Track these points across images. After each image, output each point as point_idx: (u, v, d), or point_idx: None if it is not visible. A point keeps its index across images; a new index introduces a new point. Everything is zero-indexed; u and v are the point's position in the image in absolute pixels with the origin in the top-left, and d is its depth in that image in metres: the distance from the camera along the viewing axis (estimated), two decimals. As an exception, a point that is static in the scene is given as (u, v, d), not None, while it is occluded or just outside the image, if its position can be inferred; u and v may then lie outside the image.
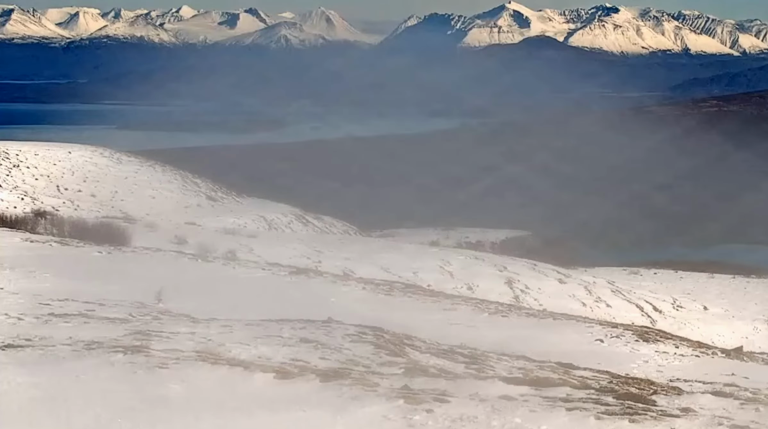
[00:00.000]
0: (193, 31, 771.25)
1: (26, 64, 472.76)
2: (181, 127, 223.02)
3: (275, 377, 12.47)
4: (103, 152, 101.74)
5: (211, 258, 35.66)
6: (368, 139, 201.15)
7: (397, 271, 43.96)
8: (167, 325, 16.56)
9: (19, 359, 12.74)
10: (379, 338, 15.26)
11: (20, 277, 23.70)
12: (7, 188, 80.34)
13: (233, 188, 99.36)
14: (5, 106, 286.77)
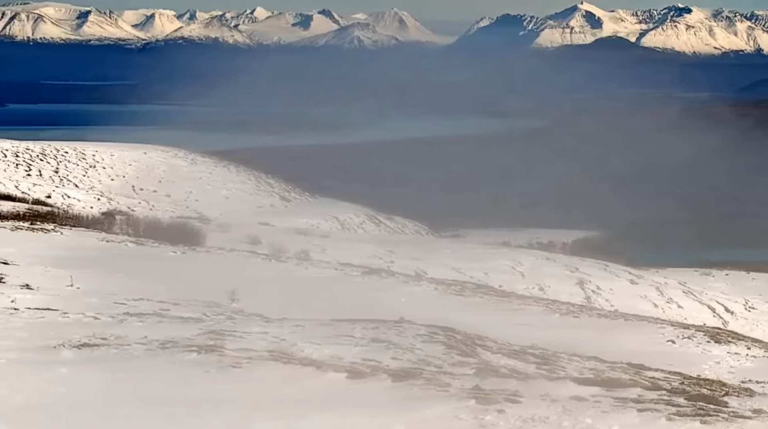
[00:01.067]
0: (266, 33, 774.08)
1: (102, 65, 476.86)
2: (254, 128, 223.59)
3: (347, 377, 12.53)
4: (178, 153, 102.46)
5: (284, 258, 35.77)
6: (440, 139, 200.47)
7: (468, 272, 43.85)
8: (240, 324, 16.66)
9: (95, 357, 12.89)
10: (451, 338, 15.29)
11: (96, 276, 23.91)
12: (83, 188, 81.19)
13: (306, 189, 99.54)
14: (81, 107, 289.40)
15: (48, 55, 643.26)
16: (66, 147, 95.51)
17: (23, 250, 27.58)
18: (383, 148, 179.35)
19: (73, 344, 13.51)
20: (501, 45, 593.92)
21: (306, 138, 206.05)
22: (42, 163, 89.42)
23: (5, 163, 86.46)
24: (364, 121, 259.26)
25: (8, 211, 45.64)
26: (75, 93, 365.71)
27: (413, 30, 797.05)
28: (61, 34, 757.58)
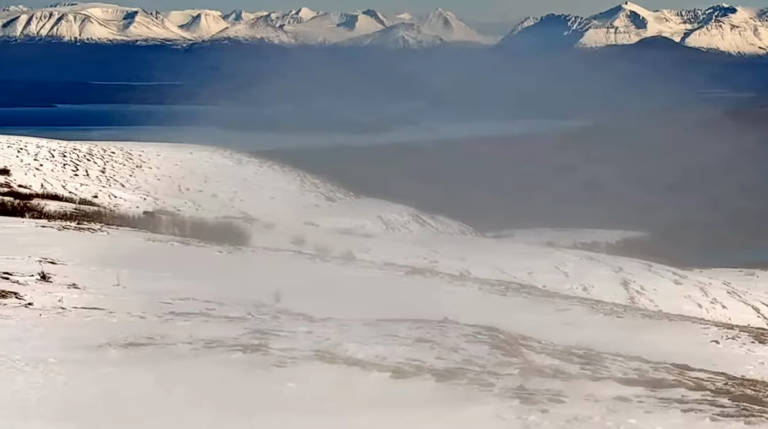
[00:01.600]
0: (311, 33, 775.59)
1: (148, 65, 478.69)
2: (299, 128, 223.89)
3: (391, 376, 12.58)
4: (224, 153, 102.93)
5: (329, 258, 35.87)
6: (485, 139, 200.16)
7: (512, 272, 43.85)
8: (285, 324, 16.72)
9: (141, 357, 13.00)
10: (495, 338, 15.30)
11: (142, 276, 24.06)
12: (130, 188, 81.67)
13: (351, 188, 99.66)
14: (128, 107, 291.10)
15: (95, 56, 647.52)
16: (113, 147, 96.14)
17: (70, 249, 27.78)
18: (429, 148, 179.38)
19: (120, 343, 13.62)
20: (545, 45, 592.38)
21: (351, 138, 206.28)
22: (89, 163, 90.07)
23: (52, 163, 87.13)
24: (409, 121, 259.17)
25: (55, 210, 46.07)
26: (121, 93, 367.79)
27: (458, 30, 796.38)
28: (108, 34, 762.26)
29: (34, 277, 21.78)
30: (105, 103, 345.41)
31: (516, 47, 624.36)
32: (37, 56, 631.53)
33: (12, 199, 50.61)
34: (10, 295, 19.15)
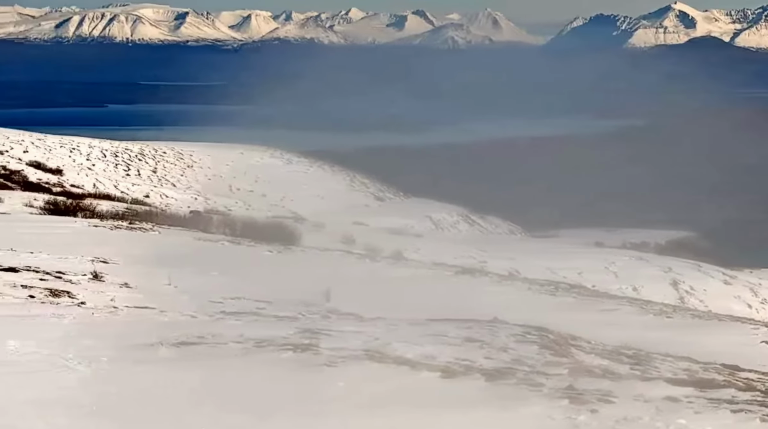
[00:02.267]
0: (361, 33, 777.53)
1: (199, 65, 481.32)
2: (348, 128, 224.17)
3: (441, 376, 12.61)
4: (274, 153, 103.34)
5: (379, 257, 35.93)
6: (534, 139, 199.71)
7: (561, 272, 43.78)
8: (335, 323, 16.79)
9: (192, 356, 13.08)
10: (544, 338, 15.31)
11: (193, 275, 24.22)
12: (181, 188, 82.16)
13: (401, 188, 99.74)
14: (179, 107, 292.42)
15: (146, 56, 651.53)
16: (164, 147, 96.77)
17: (122, 249, 27.99)
18: (477, 148, 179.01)
19: (171, 342, 13.71)
20: (594, 45, 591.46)
21: (400, 138, 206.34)
22: (141, 162, 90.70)
23: (105, 163, 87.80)
24: (458, 121, 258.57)
25: (107, 210, 46.38)
26: (172, 93, 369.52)
27: (507, 30, 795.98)
28: (159, 35, 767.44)
29: (86, 277, 21.98)
30: (156, 103, 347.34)
31: (565, 47, 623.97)
32: (89, 57, 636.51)
33: (65, 198, 50.99)
34: (63, 294, 19.35)
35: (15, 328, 13.82)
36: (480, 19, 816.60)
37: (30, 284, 20.08)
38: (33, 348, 12.66)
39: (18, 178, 74.03)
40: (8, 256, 24.17)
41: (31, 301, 18.21)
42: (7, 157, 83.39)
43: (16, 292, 18.92)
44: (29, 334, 13.42)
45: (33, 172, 79.81)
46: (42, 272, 21.84)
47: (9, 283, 19.93)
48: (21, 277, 20.93)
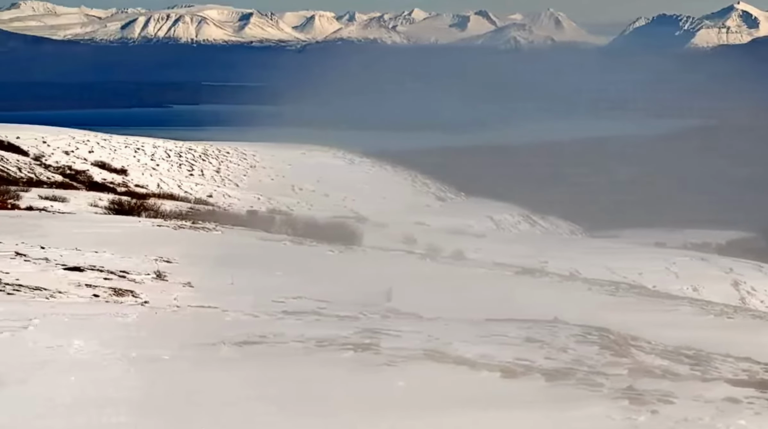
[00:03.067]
0: (424, 34, 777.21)
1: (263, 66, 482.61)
2: (410, 128, 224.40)
3: (501, 376, 12.61)
4: (336, 153, 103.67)
5: (439, 257, 35.95)
6: (596, 139, 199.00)
7: (621, 272, 43.65)
8: (395, 323, 16.81)
9: (254, 355, 13.15)
10: (604, 339, 15.27)
11: (255, 275, 24.35)
12: (244, 188, 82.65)
13: (461, 188, 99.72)
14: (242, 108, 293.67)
15: (210, 57, 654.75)
16: (227, 147, 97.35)
17: (185, 248, 28.19)
18: (539, 148, 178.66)
19: (233, 342, 13.76)
20: (657, 45, 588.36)
21: (461, 138, 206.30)
22: (204, 163, 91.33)
23: (168, 163, 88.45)
24: (520, 121, 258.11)
25: (171, 210, 46.77)
26: (236, 94, 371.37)
27: (569, 30, 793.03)
28: (224, 35, 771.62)
29: (150, 276, 22.19)
30: (219, 103, 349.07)
31: (627, 47, 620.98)
32: (154, 57, 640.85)
33: (129, 198, 51.44)
34: (127, 294, 19.56)
35: (79, 328, 13.98)
36: (542, 19, 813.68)
37: (94, 283, 20.29)
38: (96, 347, 12.80)
39: (83, 178, 74.88)
40: (73, 255, 24.42)
41: (95, 300, 18.41)
42: (72, 157, 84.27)
43: (80, 292, 19.13)
44: (93, 334, 13.56)
45: (98, 172, 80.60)
46: (106, 271, 22.06)
47: (74, 282, 20.15)
48: (86, 276, 21.15)
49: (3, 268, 20.61)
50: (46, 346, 12.66)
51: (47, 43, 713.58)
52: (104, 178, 78.81)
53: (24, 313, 14.78)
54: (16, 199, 44.37)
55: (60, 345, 12.72)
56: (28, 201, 45.47)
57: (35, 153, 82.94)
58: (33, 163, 78.45)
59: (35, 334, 13.26)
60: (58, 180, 70.02)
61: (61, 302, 17.28)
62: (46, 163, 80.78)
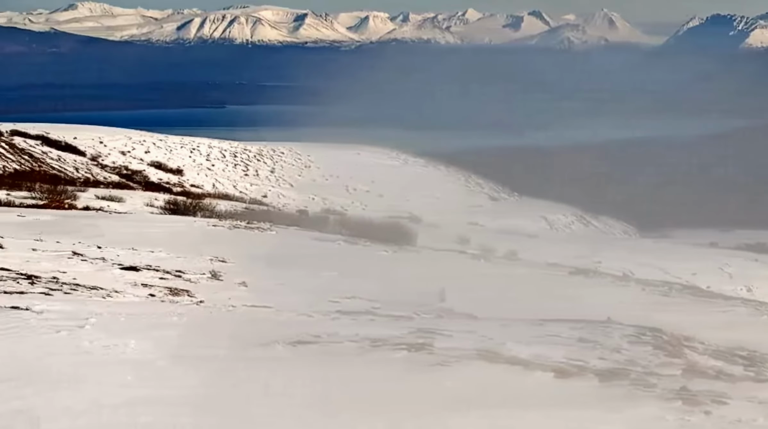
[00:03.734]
0: (477, 34, 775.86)
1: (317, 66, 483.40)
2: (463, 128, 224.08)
3: (554, 376, 12.63)
4: (390, 153, 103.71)
5: (493, 258, 35.91)
6: (651, 139, 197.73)
7: (675, 273, 43.34)
8: (449, 323, 16.83)
9: (308, 355, 13.22)
10: (657, 339, 15.24)
11: (310, 274, 24.43)
12: (298, 188, 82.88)
13: (515, 189, 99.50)
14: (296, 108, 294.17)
15: (265, 57, 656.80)
16: (282, 147, 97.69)
17: (240, 248, 28.33)
18: (593, 148, 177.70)
19: (287, 341, 13.83)
20: (711, 45, 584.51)
21: (514, 138, 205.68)
22: (259, 163, 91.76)
23: (224, 163, 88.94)
24: (574, 122, 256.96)
25: (226, 210, 47.03)
26: (291, 94, 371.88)
27: (623, 30, 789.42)
28: (278, 36, 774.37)
29: (205, 276, 22.34)
30: (274, 103, 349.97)
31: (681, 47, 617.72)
32: (210, 58, 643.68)
33: (185, 198, 51.76)
34: (182, 293, 19.70)
35: (135, 327, 14.13)
36: (596, 19, 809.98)
37: (150, 283, 20.47)
38: (152, 346, 12.92)
39: (139, 178, 75.50)
40: (130, 255, 24.63)
41: (151, 300, 18.57)
42: (129, 157, 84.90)
43: (137, 291, 19.30)
44: (149, 333, 13.70)
45: (154, 172, 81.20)
46: (162, 271, 22.24)
47: (130, 281, 20.34)
48: (142, 275, 21.34)
49: (60, 268, 20.83)
50: (102, 345, 12.79)
51: (104, 44, 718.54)
52: (160, 178, 79.36)
53: (80, 313, 14.94)
54: (74, 199, 44.77)
55: (116, 344, 12.85)
56: (85, 201, 45.86)
57: (92, 153, 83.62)
58: (90, 163, 79.19)
59: (92, 333, 13.40)
60: (114, 180, 70.63)
61: (117, 301, 17.45)
62: (102, 163, 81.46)
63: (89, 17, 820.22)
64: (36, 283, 18.30)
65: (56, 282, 18.83)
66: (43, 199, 42.43)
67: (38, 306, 15.24)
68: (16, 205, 39.08)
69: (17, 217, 32.04)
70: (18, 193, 45.38)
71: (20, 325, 13.56)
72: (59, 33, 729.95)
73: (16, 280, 18.42)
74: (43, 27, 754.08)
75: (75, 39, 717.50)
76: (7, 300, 15.83)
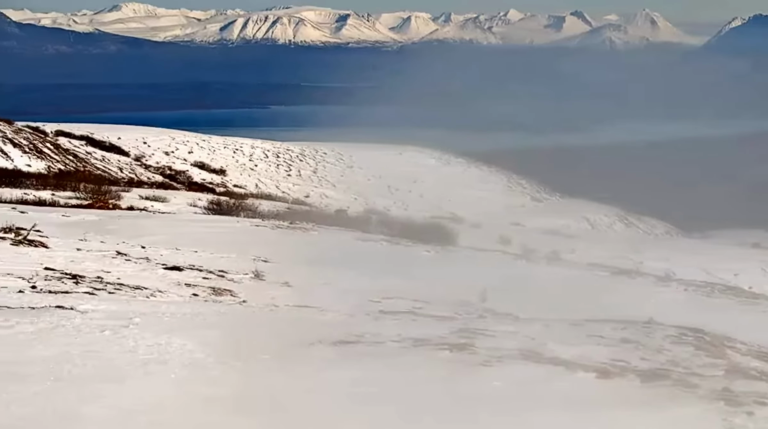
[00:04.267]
0: (519, 34, 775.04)
1: (360, 67, 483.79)
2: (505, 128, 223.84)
3: (596, 377, 12.62)
4: (432, 153, 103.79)
5: (534, 258, 35.87)
6: (693, 140, 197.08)
7: (717, 273, 43.15)
8: (491, 323, 16.82)
9: (351, 354, 13.25)
10: (700, 340, 15.20)
11: (352, 275, 24.46)
12: (341, 188, 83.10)
13: (557, 189, 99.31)
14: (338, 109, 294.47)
15: (308, 58, 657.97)
16: (324, 148, 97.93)
17: (282, 248, 28.44)
18: (634, 148, 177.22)
19: (330, 341, 13.86)
20: (753, 45, 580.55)
21: (556, 138, 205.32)
22: (301, 163, 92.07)
23: (266, 164, 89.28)
24: (615, 122, 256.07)
25: (269, 210, 47.21)
26: (333, 94, 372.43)
27: (664, 30, 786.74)
28: (321, 37, 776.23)
29: (248, 276, 22.42)
30: (317, 104, 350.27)
31: (723, 47, 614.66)
32: (253, 59, 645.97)
33: (228, 198, 52.01)
34: (225, 293, 19.80)
35: (179, 326, 14.20)
36: (638, 19, 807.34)
37: (194, 283, 20.57)
38: (196, 346, 12.99)
39: (183, 179, 75.95)
40: (173, 254, 24.79)
41: (194, 300, 18.66)
42: (172, 157, 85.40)
43: (180, 291, 19.40)
44: (192, 333, 13.77)
45: (197, 172, 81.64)
46: (205, 271, 22.35)
47: (174, 281, 20.45)
48: (185, 275, 21.45)
49: (105, 268, 20.99)
50: (146, 344, 12.88)
51: (147, 44, 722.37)
52: (203, 179, 79.75)
53: (125, 312, 15.05)
54: (118, 200, 45.10)
55: (160, 343, 12.94)
56: (128, 201, 46.16)
57: (136, 153, 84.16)
58: (134, 163, 79.70)
59: (136, 332, 13.49)
60: (158, 180, 71.05)
61: (161, 301, 17.55)
62: (146, 163, 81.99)
63: (133, 18, 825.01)
64: (80, 283, 18.45)
65: (100, 282, 18.97)
66: (87, 199, 42.75)
67: (83, 305, 15.37)
68: (61, 205, 39.39)
69: (62, 217, 32.30)
70: (63, 193, 45.73)
71: (65, 324, 13.68)
72: (103, 34, 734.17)
73: (61, 280, 18.58)
74: (87, 28, 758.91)
75: (119, 40, 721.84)
76: (52, 299, 15.99)
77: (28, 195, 42.73)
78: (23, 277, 18.26)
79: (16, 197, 40.91)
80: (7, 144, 67.91)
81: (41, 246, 23.08)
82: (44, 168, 65.57)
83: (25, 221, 26.94)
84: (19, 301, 15.51)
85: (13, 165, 63.58)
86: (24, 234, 23.96)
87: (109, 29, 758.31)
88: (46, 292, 16.84)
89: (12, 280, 17.79)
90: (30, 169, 63.28)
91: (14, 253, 21.71)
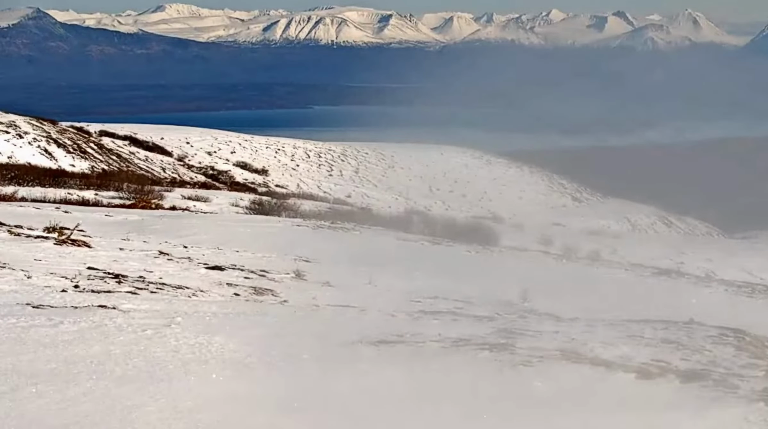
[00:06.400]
0: (561, 35, 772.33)
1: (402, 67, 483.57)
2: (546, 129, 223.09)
3: (636, 377, 12.61)
4: (474, 153, 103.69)
5: (575, 258, 35.81)
6: (735, 140, 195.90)
7: (759, 274, 42.96)
8: (532, 323, 16.82)
9: (392, 354, 13.27)
10: (741, 340, 15.14)
11: (393, 274, 24.45)
12: (382, 188, 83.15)
13: (598, 189, 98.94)
14: (380, 109, 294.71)
15: (350, 58, 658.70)
16: (366, 148, 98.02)
17: (323, 248, 28.48)
18: (675, 148, 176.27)
19: (371, 341, 13.89)
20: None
21: (595, 139, 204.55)
22: (343, 163, 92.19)
23: (308, 164, 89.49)
24: (656, 122, 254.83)
25: (310, 210, 47.31)
26: (375, 95, 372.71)
27: (707, 30, 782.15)
28: (363, 37, 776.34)
29: (289, 275, 22.47)
30: (359, 104, 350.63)
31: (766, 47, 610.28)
32: (296, 59, 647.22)
33: (269, 198, 52.16)
34: (266, 293, 19.85)
35: (221, 326, 14.27)
36: (680, 19, 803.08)
37: (235, 282, 20.64)
38: (237, 345, 13.04)
39: (225, 179, 76.25)
40: (215, 254, 24.89)
41: (236, 299, 18.73)
42: (215, 157, 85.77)
43: (221, 291, 19.47)
44: (234, 332, 13.83)
45: (239, 172, 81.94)
46: (247, 271, 22.41)
47: (215, 281, 20.54)
48: (227, 275, 21.54)
49: (147, 267, 21.11)
50: (188, 344, 12.94)
51: (191, 45, 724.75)
52: (245, 179, 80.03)
53: (167, 312, 15.14)
54: (160, 199, 45.32)
55: (201, 343, 13.00)
56: (171, 201, 46.38)
57: (179, 154, 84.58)
58: (176, 163, 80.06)
59: (178, 332, 13.56)
60: (200, 180, 71.35)
61: (202, 301, 17.63)
62: (189, 163, 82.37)
63: (177, 18, 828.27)
64: (123, 283, 18.57)
65: (143, 281, 19.08)
66: (130, 199, 43.00)
67: (125, 305, 15.49)
68: (104, 205, 39.63)
69: (105, 217, 32.48)
70: (106, 192, 46.03)
71: (108, 323, 13.78)
72: (147, 34, 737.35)
73: (104, 280, 18.71)
74: (131, 28, 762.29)
75: (163, 40, 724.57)
76: (95, 299, 16.10)
77: (71, 195, 43.01)
78: (66, 277, 18.39)
79: (60, 197, 41.20)
80: (51, 144, 68.41)
81: (84, 246, 23.23)
82: (88, 168, 66.01)
83: (69, 221, 27.10)
84: (63, 301, 15.62)
85: (57, 165, 64.04)
86: (67, 234, 24.11)
87: (153, 30, 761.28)
88: (89, 292, 16.95)
89: (55, 280, 17.92)
90: (74, 169, 63.70)
91: (58, 252, 21.86)
